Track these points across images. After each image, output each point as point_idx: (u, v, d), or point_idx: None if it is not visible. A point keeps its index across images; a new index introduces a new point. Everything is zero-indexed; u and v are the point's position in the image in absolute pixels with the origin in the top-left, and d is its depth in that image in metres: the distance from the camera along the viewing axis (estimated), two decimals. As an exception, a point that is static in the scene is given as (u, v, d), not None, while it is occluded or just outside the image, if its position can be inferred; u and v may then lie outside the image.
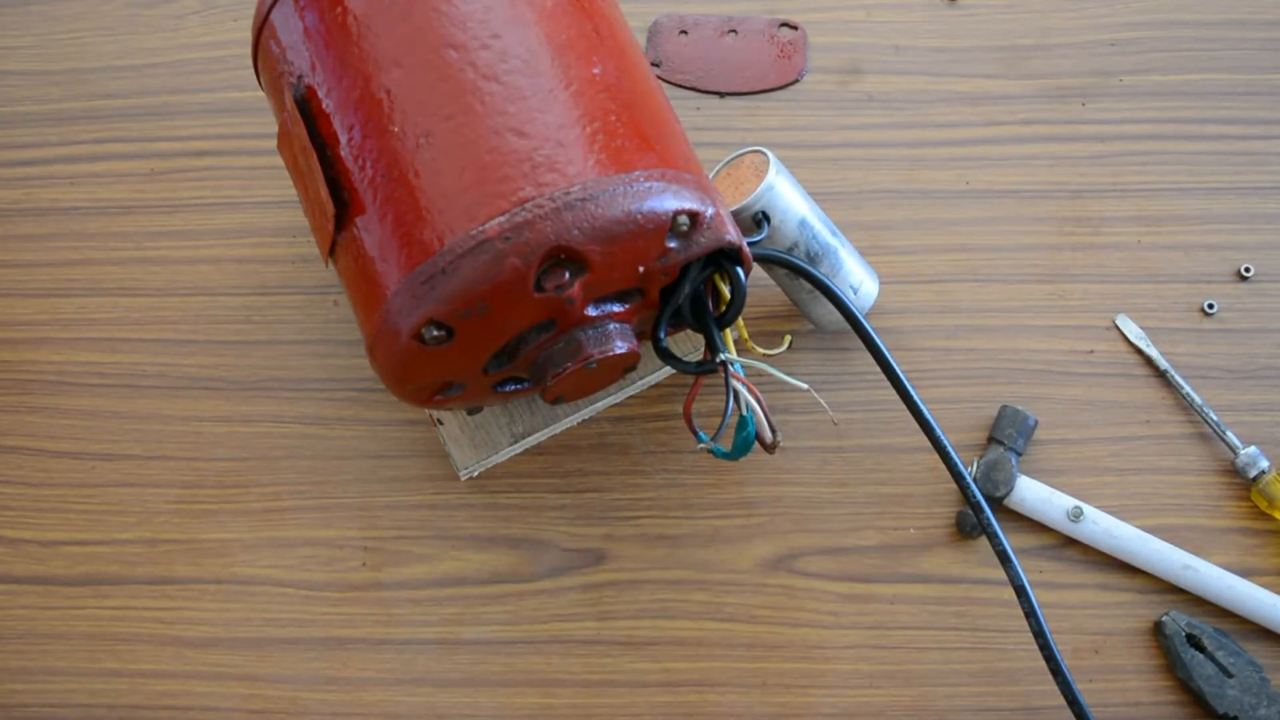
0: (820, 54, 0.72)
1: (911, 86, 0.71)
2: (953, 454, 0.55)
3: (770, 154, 0.58)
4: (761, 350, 0.54)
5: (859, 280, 0.61)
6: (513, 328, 0.48)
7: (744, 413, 0.52)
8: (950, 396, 0.64)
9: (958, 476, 0.55)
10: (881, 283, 0.63)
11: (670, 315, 0.51)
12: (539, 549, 0.63)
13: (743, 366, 0.52)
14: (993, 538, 0.55)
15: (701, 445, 0.52)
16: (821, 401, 0.54)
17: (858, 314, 0.56)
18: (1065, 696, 0.55)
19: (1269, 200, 0.68)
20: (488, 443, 0.62)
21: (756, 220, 0.57)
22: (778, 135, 0.70)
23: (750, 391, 0.51)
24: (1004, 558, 0.56)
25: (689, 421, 0.52)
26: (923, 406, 0.56)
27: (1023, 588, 0.55)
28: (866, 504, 0.63)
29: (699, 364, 0.53)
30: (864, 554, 0.62)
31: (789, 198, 0.58)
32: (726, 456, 0.53)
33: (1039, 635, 0.55)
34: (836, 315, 0.62)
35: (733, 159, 0.60)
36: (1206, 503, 0.62)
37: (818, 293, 0.59)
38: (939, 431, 0.56)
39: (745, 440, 0.53)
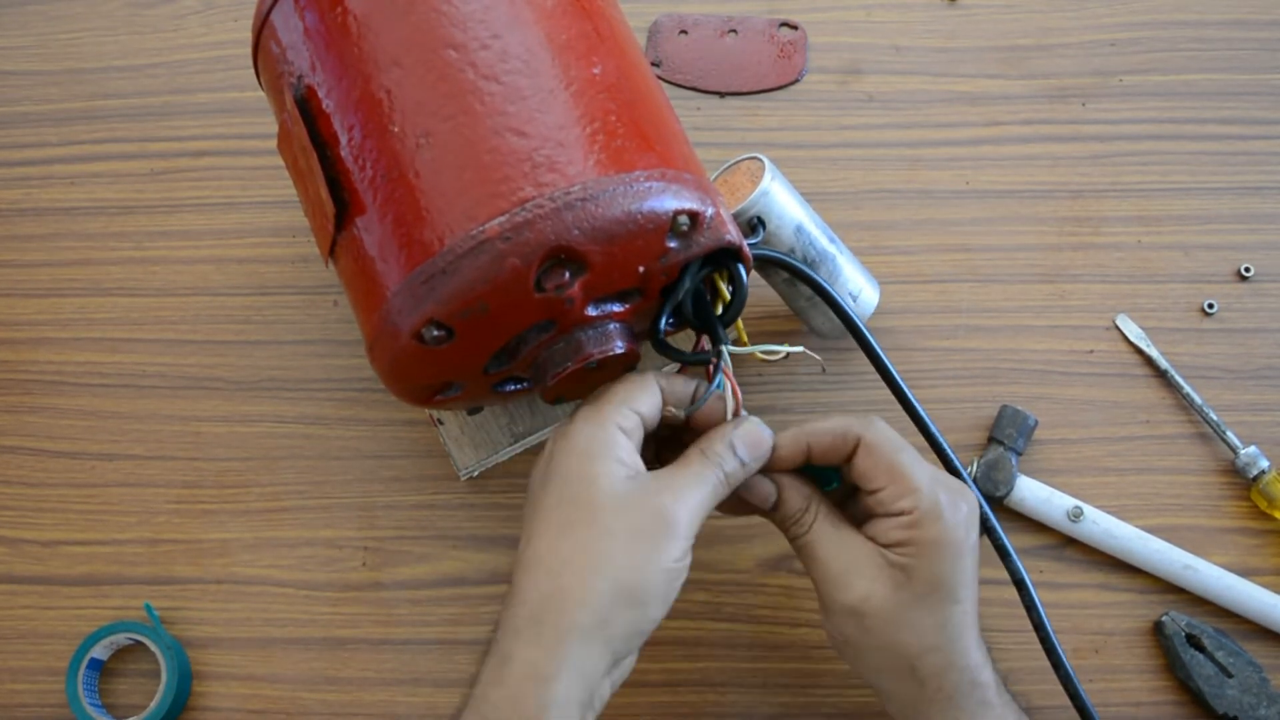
0: (820, 54, 0.72)
1: (911, 86, 0.71)
2: (950, 454, 0.55)
3: (766, 160, 0.58)
4: (760, 353, 0.54)
5: (858, 287, 0.61)
6: (513, 328, 0.48)
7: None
8: (950, 397, 0.64)
9: (957, 476, 0.55)
10: (881, 284, 0.63)
11: (672, 311, 0.51)
12: (539, 549, 0.62)
13: (739, 353, 0.52)
14: (990, 532, 0.55)
15: None
16: (815, 356, 0.54)
17: (854, 316, 0.56)
18: (1066, 690, 0.55)
19: (1269, 200, 0.68)
20: (488, 443, 0.62)
21: (751, 225, 0.57)
22: (777, 135, 0.70)
23: (732, 389, 0.51)
24: (1003, 552, 0.55)
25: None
26: (920, 409, 0.56)
27: (1022, 581, 0.55)
28: (866, 504, 0.62)
29: (696, 353, 0.53)
30: (864, 554, 0.62)
31: (785, 203, 0.58)
32: None
33: (1039, 628, 0.55)
34: (837, 322, 0.61)
35: (729, 165, 0.60)
36: (1206, 503, 0.62)
37: (817, 299, 0.59)
38: (936, 432, 0.55)
39: None
